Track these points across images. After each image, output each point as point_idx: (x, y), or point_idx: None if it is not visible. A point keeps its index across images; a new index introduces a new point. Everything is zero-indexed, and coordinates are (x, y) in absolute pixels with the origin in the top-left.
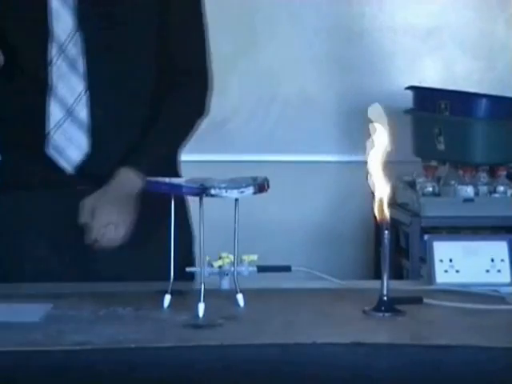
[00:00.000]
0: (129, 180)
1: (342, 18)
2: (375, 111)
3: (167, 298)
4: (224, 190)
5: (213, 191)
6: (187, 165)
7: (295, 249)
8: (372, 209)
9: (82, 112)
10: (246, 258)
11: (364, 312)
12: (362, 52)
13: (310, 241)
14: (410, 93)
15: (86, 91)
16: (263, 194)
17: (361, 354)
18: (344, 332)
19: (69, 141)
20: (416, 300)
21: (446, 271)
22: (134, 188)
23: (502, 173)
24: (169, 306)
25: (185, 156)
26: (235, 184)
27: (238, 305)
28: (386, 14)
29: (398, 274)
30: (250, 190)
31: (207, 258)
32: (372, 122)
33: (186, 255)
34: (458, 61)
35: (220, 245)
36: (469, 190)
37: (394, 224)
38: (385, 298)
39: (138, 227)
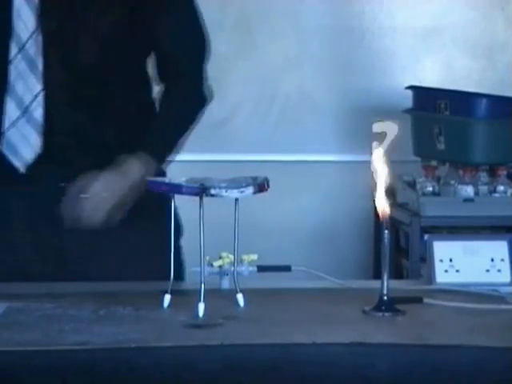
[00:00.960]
0: (132, 166)
1: (342, 18)
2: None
3: (167, 298)
4: (224, 190)
5: (213, 191)
6: (187, 165)
7: (295, 249)
8: (372, 209)
9: (38, 112)
10: (245, 257)
11: (364, 312)
12: (362, 52)
13: (310, 241)
14: (409, 93)
15: (42, 91)
16: (263, 194)
17: (361, 354)
18: (344, 332)
19: (23, 140)
20: (416, 300)
21: (446, 271)
22: (137, 173)
23: (502, 172)
24: (169, 306)
25: (185, 156)
26: (235, 184)
27: (238, 305)
28: (385, 13)
29: (398, 273)
30: (250, 189)
31: (207, 258)
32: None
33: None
34: (458, 61)
35: (220, 245)
36: (469, 190)
37: (394, 224)
38: (385, 298)
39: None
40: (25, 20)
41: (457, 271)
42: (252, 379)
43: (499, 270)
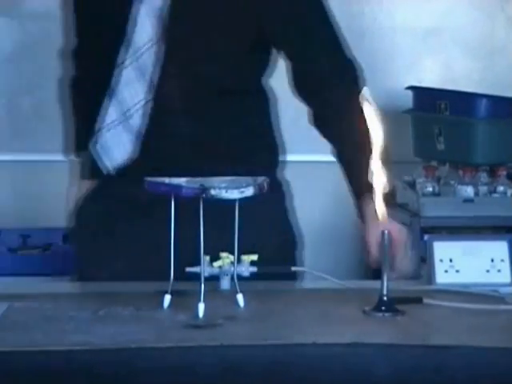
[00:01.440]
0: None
1: (342, 18)
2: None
3: (167, 298)
4: (224, 190)
5: (213, 191)
6: None
7: None
8: None
9: (137, 120)
10: (245, 258)
11: (364, 312)
12: (362, 52)
13: (310, 241)
14: (409, 93)
15: (148, 101)
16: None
17: (361, 353)
18: (344, 332)
19: (117, 142)
20: (416, 300)
21: (446, 271)
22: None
23: (502, 173)
24: (169, 305)
25: None
26: (235, 184)
27: (238, 305)
28: (385, 13)
29: None
30: (250, 190)
31: (207, 258)
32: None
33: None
34: (458, 61)
35: (220, 245)
36: (469, 190)
37: None
38: (385, 298)
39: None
40: (141, 29)
41: (457, 271)
42: (252, 380)
43: (499, 271)
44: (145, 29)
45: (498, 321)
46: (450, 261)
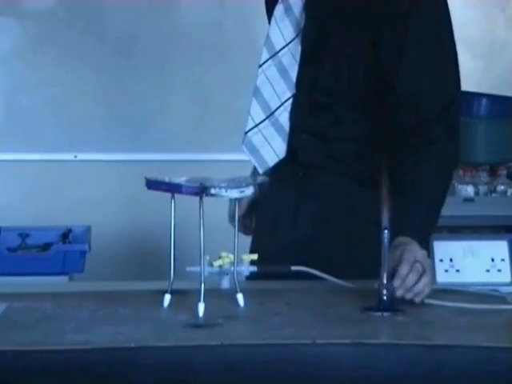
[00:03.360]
0: (417, 251)
1: None
2: None
3: (167, 298)
4: (224, 190)
5: (213, 191)
6: (187, 165)
7: None
8: None
9: (284, 117)
10: (245, 257)
11: (363, 312)
12: None
13: None
14: None
15: (291, 98)
16: None
17: (361, 353)
18: (344, 332)
19: (265, 143)
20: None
21: (446, 271)
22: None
23: (502, 172)
24: (169, 306)
25: (185, 156)
26: (235, 184)
27: (238, 305)
28: None
29: None
30: (250, 189)
31: (207, 258)
32: None
33: None
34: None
35: (220, 245)
36: (469, 190)
37: None
38: (384, 298)
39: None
40: (282, 29)
41: (457, 271)
42: (252, 379)
43: (499, 270)
44: (283, 28)
45: (498, 321)
46: (451, 260)
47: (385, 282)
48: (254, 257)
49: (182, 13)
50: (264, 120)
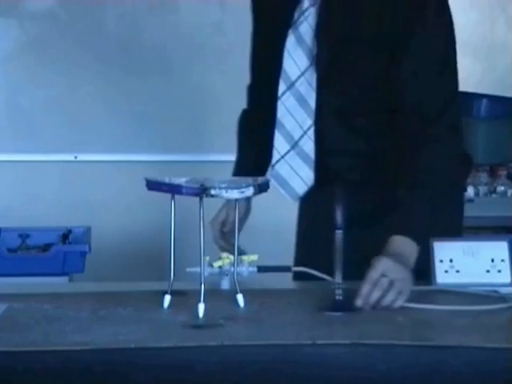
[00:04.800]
0: (405, 248)
1: None
2: None
3: (167, 298)
4: (224, 190)
5: (213, 191)
6: (187, 165)
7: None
8: None
9: (308, 146)
10: (246, 258)
11: (319, 312)
12: None
13: None
14: None
15: (313, 126)
16: (263, 194)
17: (361, 353)
18: (344, 332)
19: (293, 173)
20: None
21: (446, 271)
22: (412, 255)
23: (502, 173)
24: (169, 306)
25: (185, 156)
26: (235, 184)
27: (238, 305)
28: None
29: None
30: (250, 190)
31: (207, 258)
32: None
33: None
34: (458, 61)
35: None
36: (469, 191)
37: None
38: (339, 298)
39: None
40: (296, 60)
41: (457, 272)
42: (252, 379)
43: (499, 271)
44: (297, 57)
45: (498, 321)
46: (451, 261)
47: (339, 281)
48: (254, 257)
49: (182, 13)
50: (289, 151)
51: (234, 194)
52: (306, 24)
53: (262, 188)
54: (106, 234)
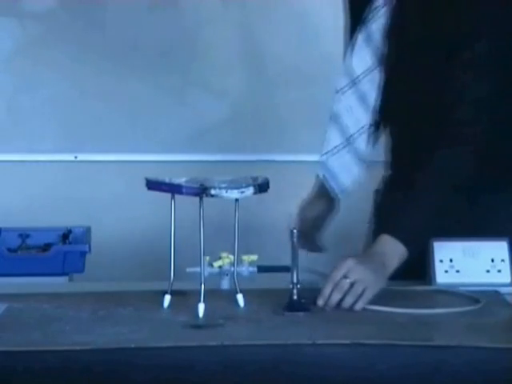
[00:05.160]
0: (389, 247)
1: (342, 17)
2: None
3: (167, 298)
4: (224, 190)
5: (213, 191)
6: (187, 165)
7: None
8: (371, 208)
9: (362, 144)
10: (245, 258)
11: (279, 313)
12: None
13: None
14: None
15: (370, 126)
16: (263, 194)
17: (361, 354)
18: (344, 332)
19: (343, 168)
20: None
21: (446, 271)
22: (396, 255)
23: None
24: (169, 306)
25: (185, 156)
26: (235, 184)
27: (238, 305)
28: None
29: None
30: (250, 190)
31: (207, 258)
32: None
33: None
34: None
35: (220, 245)
36: None
37: None
38: (295, 298)
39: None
40: (362, 57)
41: (457, 271)
42: (252, 379)
43: (499, 271)
44: (363, 55)
45: (498, 321)
46: (451, 261)
47: (295, 281)
48: (254, 257)
49: (182, 12)
50: (342, 145)
51: (234, 194)
52: (376, 23)
53: (262, 188)
54: (106, 234)
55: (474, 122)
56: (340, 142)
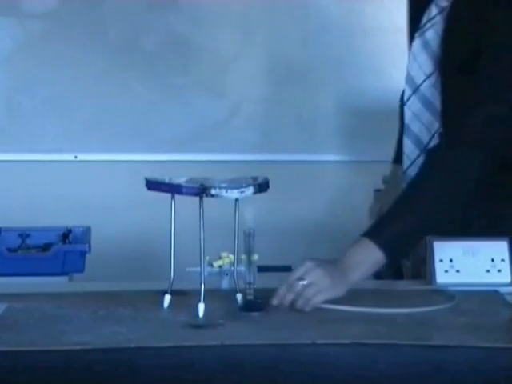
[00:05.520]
0: (361, 255)
1: (342, 17)
2: None
3: (167, 298)
4: (224, 190)
5: (213, 191)
6: (187, 165)
7: (295, 248)
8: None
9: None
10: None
11: (237, 312)
12: (363, 51)
13: (310, 241)
14: None
15: (440, 128)
16: (263, 194)
17: (361, 353)
18: (344, 332)
19: None
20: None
21: (446, 271)
22: (369, 260)
23: None
24: (169, 306)
25: (185, 156)
26: (235, 184)
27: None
28: (386, 12)
29: (398, 274)
30: (250, 190)
31: (207, 258)
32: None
33: None
34: None
35: (220, 245)
36: None
37: None
38: (250, 298)
39: None
40: (420, 64)
41: (457, 271)
42: (252, 379)
43: (499, 271)
44: (422, 61)
45: (498, 321)
46: (451, 261)
47: (250, 281)
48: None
49: (182, 12)
50: (419, 156)
51: (234, 194)
52: (432, 30)
53: (262, 188)
54: (106, 233)
55: (492, 128)
56: (417, 153)
